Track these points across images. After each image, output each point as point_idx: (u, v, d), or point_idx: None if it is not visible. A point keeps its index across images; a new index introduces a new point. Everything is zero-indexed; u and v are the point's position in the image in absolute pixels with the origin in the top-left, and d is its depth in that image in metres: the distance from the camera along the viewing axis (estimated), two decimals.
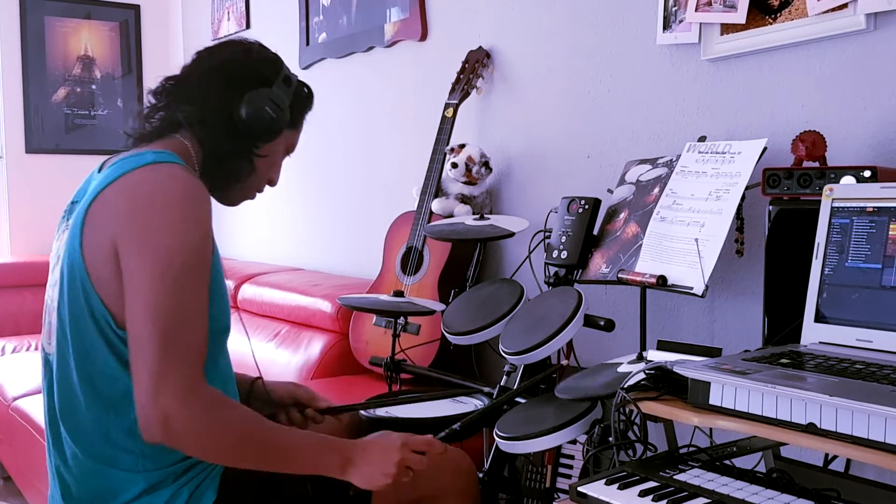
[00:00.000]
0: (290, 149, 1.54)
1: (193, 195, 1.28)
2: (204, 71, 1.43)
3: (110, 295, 1.26)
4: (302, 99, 1.51)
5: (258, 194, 1.54)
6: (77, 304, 1.29)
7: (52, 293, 1.36)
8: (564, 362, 1.97)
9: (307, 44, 3.48)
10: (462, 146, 2.49)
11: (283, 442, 1.30)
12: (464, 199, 2.50)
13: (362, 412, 1.77)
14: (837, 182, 1.46)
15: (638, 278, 1.71)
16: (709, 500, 1.11)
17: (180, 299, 1.22)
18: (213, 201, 1.47)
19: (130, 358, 1.22)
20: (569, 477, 1.92)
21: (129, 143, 1.42)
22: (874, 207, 1.33)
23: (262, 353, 2.84)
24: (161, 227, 1.24)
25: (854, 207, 1.36)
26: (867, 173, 1.44)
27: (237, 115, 1.39)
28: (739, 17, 1.86)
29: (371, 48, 3.12)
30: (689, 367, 1.23)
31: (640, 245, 1.77)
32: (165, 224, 1.24)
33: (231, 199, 1.51)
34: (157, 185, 1.27)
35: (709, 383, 1.20)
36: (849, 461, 1.50)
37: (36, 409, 2.67)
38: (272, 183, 1.54)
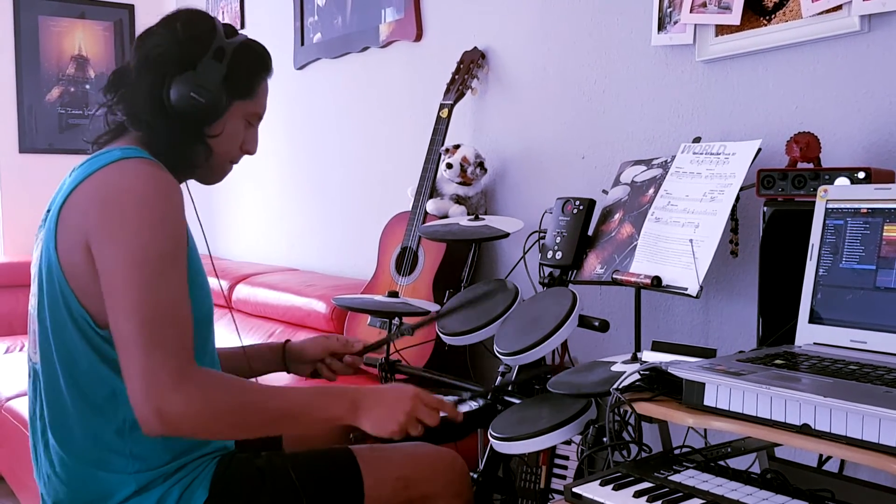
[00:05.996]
0: (252, 117, 1.46)
1: (160, 187, 1.26)
2: (137, 61, 1.37)
3: (87, 295, 1.25)
4: (247, 65, 1.41)
5: (234, 165, 1.49)
6: (57, 308, 1.28)
7: (33, 302, 1.36)
8: None
9: (302, 44, 3.48)
10: (457, 147, 2.49)
11: (286, 402, 1.29)
12: (458, 200, 2.50)
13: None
14: (832, 183, 1.46)
15: (632, 279, 1.71)
16: (703, 501, 1.11)
17: (159, 292, 1.21)
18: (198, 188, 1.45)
19: (119, 358, 1.21)
20: (563, 478, 1.92)
21: (92, 149, 1.39)
22: (868, 209, 1.34)
23: None
24: (131, 223, 1.23)
25: (848, 209, 1.36)
26: (861, 174, 1.44)
27: (168, 105, 1.34)
28: (734, 18, 1.86)
29: (366, 48, 3.11)
30: (684, 367, 1.23)
31: (635, 246, 1.77)
32: (135, 219, 1.23)
33: (206, 179, 1.47)
34: (124, 181, 1.26)
35: (703, 384, 1.20)
36: (843, 462, 1.51)
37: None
38: (249, 152, 1.48)
